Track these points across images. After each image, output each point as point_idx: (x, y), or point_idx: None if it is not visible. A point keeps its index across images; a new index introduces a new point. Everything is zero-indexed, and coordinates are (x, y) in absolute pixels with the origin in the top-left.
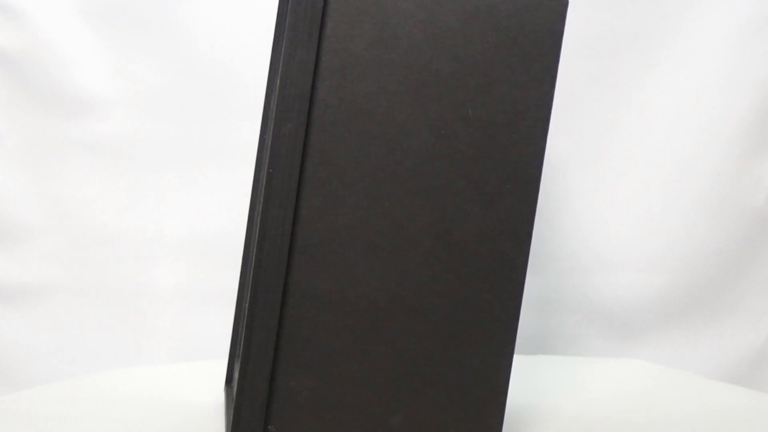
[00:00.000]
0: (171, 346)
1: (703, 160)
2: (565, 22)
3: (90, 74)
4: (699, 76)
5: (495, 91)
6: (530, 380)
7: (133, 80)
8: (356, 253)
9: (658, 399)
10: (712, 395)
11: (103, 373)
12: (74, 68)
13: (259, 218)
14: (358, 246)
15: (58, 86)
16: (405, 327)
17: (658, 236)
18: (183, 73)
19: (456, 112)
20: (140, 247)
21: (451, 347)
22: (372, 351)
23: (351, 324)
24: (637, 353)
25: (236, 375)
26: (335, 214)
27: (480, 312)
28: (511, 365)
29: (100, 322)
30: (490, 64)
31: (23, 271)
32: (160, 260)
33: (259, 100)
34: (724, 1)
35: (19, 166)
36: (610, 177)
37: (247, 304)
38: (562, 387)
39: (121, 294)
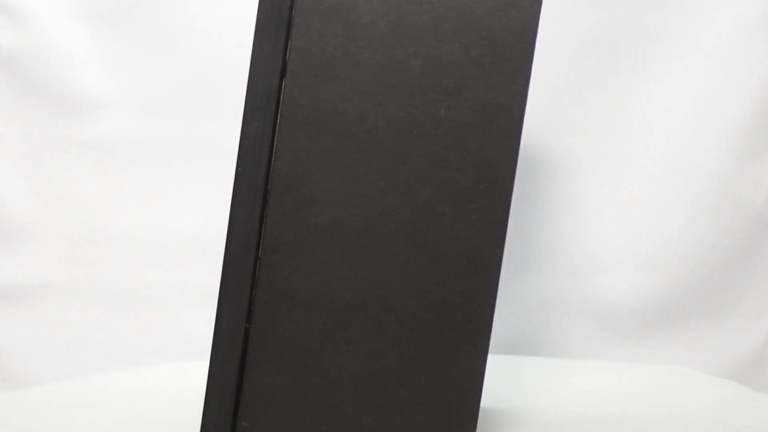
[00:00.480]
0: (171, 345)
1: (703, 160)
2: (538, 22)
3: (90, 74)
4: (698, 76)
5: (467, 91)
6: (560, 385)
7: (132, 80)
8: (328, 252)
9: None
10: None
11: (103, 373)
12: (74, 68)
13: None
14: (331, 245)
15: (58, 86)
16: (377, 327)
17: (657, 236)
18: (183, 73)
19: (428, 112)
20: (140, 247)
21: (423, 348)
22: (344, 350)
23: (323, 323)
24: (636, 353)
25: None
26: (307, 213)
27: (452, 313)
28: (485, 367)
29: (99, 322)
30: (462, 65)
31: (23, 271)
32: (160, 260)
33: None
34: (724, 1)
35: (19, 166)
36: (610, 177)
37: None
38: (612, 395)
39: (120, 294)
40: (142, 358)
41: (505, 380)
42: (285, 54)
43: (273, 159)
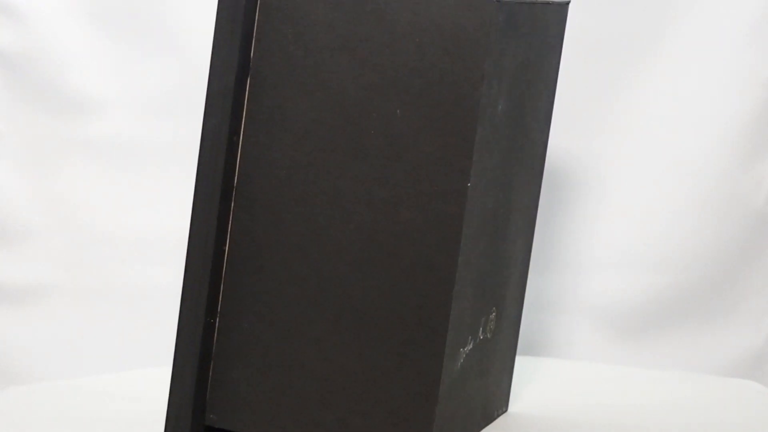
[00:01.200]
0: (171, 346)
1: (703, 160)
2: (497, 19)
3: (90, 74)
4: (699, 77)
5: (424, 92)
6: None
7: (132, 80)
8: (290, 251)
9: None
10: None
11: (103, 373)
12: (74, 68)
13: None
14: (293, 244)
15: (59, 86)
16: (337, 327)
17: (657, 236)
18: (183, 73)
19: (385, 112)
20: (140, 247)
21: (380, 349)
22: (306, 349)
23: (286, 321)
24: (636, 354)
25: None
26: (266, 214)
27: (408, 316)
28: (440, 371)
29: (100, 322)
30: (418, 65)
31: (23, 271)
32: (161, 260)
33: None
34: (724, 2)
35: (19, 166)
36: (610, 177)
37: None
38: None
39: (121, 294)
40: (142, 358)
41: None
42: (246, 53)
43: (238, 158)
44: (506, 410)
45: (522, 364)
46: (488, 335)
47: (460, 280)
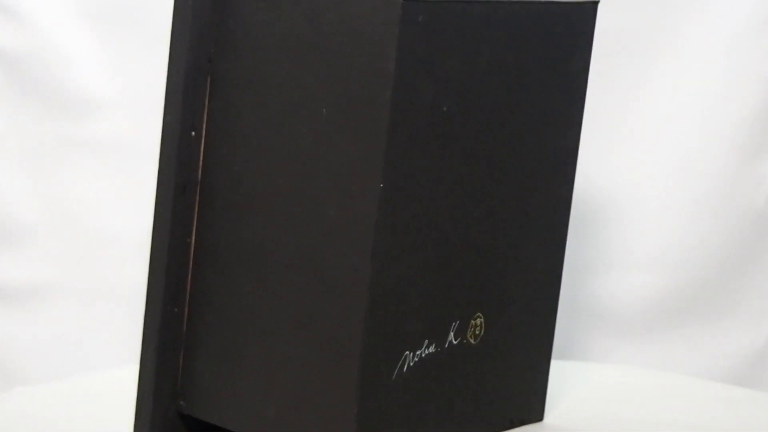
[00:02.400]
0: None
1: (703, 159)
2: (408, 21)
3: (90, 74)
4: (699, 76)
5: (345, 91)
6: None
7: (133, 80)
8: (242, 248)
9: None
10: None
11: (103, 373)
12: (74, 68)
13: None
14: (244, 241)
15: (58, 86)
16: (278, 322)
17: (657, 236)
18: None
19: (313, 113)
20: (140, 247)
21: (311, 348)
22: (252, 343)
23: (236, 315)
24: (636, 354)
25: None
26: (225, 209)
27: (333, 316)
28: (355, 371)
29: (100, 322)
30: (339, 66)
31: (23, 271)
32: None
33: None
34: (724, 2)
35: (19, 166)
36: (609, 177)
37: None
38: None
39: (121, 294)
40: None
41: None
42: (204, 52)
43: (201, 154)
44: (540, 419)
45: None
46: (472, 341)
47: (383, 283)
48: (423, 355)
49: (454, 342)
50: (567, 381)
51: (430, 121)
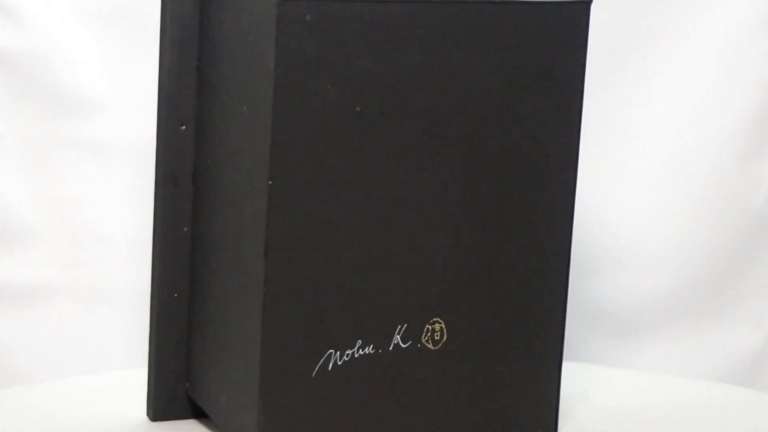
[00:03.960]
0: None
1: (703, 159)
2: (283, 21)
3: (90, 74)
4: (698, 76)
5: (251, 89)
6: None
7: (132, 80)
8: (224, 236)
9: None
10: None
11: (103, 373)
12: (74, 68)
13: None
14: (223, 231)
15: (58, 86)
16: (246, 308)
17: (657, 236)
18: None
19: (241, 110)
20: (140, 247)
21: (242, 342)
22: (231, 329)
23: (221, 301)
24: (636, 354)
25: None
26: (211, 200)
27: (246, 317)
28: (258, 367)
29: (100, 322)
30: (247, 65)
31: (23, 271)
32: None
33: None
34: (724, 2)
35: (19, 166)
36: (609, 177)
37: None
38: None
39: (121, 294)
40: (143, 358)
41: None
42: (192, 53)
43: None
44: None
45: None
46: (430, 346)
47: (282, 279)
48: (356, 355)
49: (403, 345)
50: (566, 384)
51: (339, 120)
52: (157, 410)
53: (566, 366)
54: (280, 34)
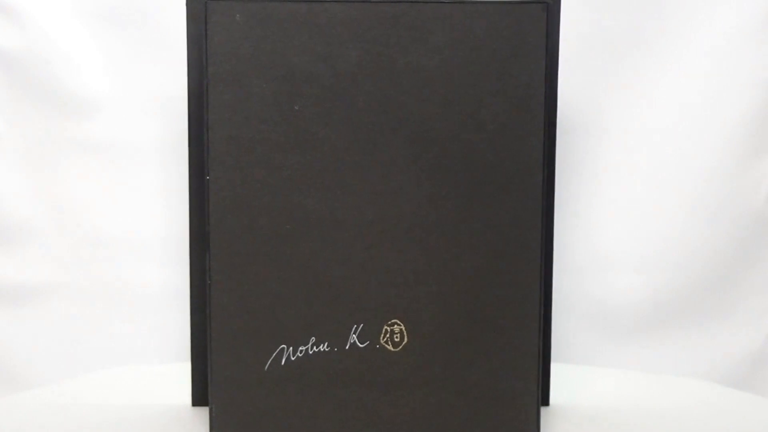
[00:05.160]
0: (172, 346)
1: (703, 160)
2: (211, 20)
3: (90, 74)
4: (698, 77)
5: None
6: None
7: (132, 80)
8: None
9: None
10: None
11: (104, 373)
12: (74, 68)
13: None
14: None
15: (58, 86)
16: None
17: (657, 237)
18: (183, 73)
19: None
20: (140, 247)
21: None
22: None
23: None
24: (636, 354)
25: None
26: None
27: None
28: (209, 362)
29: (100, 322)
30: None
31: (23, 271)
32: (161, 260)
33: None
34: (724, 2)
35: (19, 166)
36: (609, 177)
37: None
38: None
39: (121, 294)
40: (142, 358)
41: None
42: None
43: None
44: None
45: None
46: (390, 347)
47: (224, 274)
48: (310, 352)
49: (360, 345)
50: (567, 385)
51: (278, 118)
52: (196, 396)
53: (565, 366)
54: (210, 33)
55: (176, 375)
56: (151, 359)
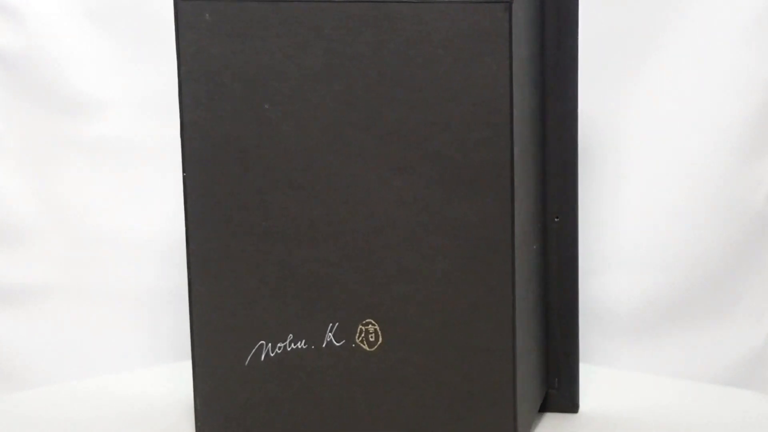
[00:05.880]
0: (172, 346)
1: (702, 159)
2: (182, 20)
3: (90, 74)
4: (698, 76)
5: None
6: None
7: (133, 80)
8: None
9: None
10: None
11: (104, 374)
12: (74, 68)
13: None
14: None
15: (58, 86)
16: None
17: (657, 236)
18: None
19: None
20: (141, 248)
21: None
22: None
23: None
24: (635, 355)
25: None
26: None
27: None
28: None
29: (100, 322)
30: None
31: (23, 271)
32: (160, 260)
33: None
34: (724, 1)
35: (19, 166)
36: (609, 177)
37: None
38: None
39: (121, 294)
40: (142, 358)
41: None
42: None
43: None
44: None
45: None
46: (365, 347)
47: (203, 269)
48: (288, 349)
49: (337, 344)
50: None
51: (249, 117)
52: None
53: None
54: (180, 33)
55: (176, 375)
56: (151, 359)
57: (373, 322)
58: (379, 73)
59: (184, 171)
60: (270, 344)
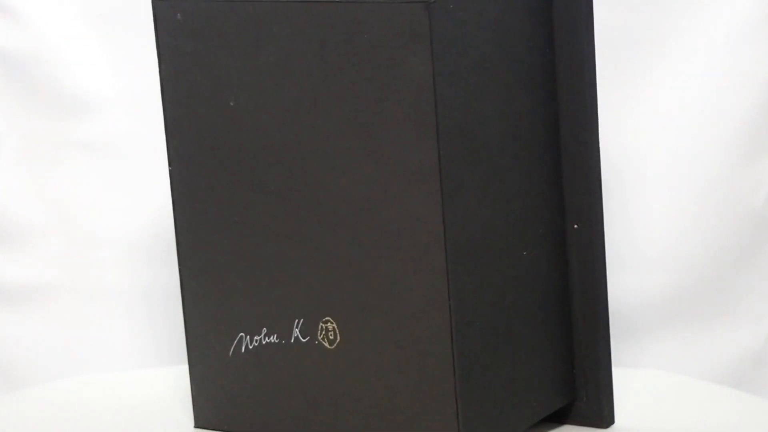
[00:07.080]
0: (172, 346)
1: (703, 160)
2: (159, 19)
3: (89, 74)
4: (698, 76)
5: None
6: None
7: (132, 80)
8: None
9: None
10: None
11: (104, 374)
12: (74, 68)
13: None
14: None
15: (58, 86)
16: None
17: (656, 237)
18: None
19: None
20: (140, 247)
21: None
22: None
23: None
24: (636, 354)
25: None
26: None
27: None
28: (195, 343)
29: (99, 322)
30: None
31: (23, 271)
32: (160, 260)
33: None
34: (723, 2)
35: (19, 166)
36: (609, 177)
37: None
38: None
39: (121, 294)
40: (142, 358)
41: None
42: None
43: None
44: None
45: None
46: (326, 345)
47: (191, 262)
48: (263, 342)
49: (303, 339)
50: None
51: (218, 114)
52: None
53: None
54: (158, 32)
55: (176, 374)
56: (151, 359)
57: (332, 320)
58: (323, 72)
59: (170, 164)
60: (248, 337)
